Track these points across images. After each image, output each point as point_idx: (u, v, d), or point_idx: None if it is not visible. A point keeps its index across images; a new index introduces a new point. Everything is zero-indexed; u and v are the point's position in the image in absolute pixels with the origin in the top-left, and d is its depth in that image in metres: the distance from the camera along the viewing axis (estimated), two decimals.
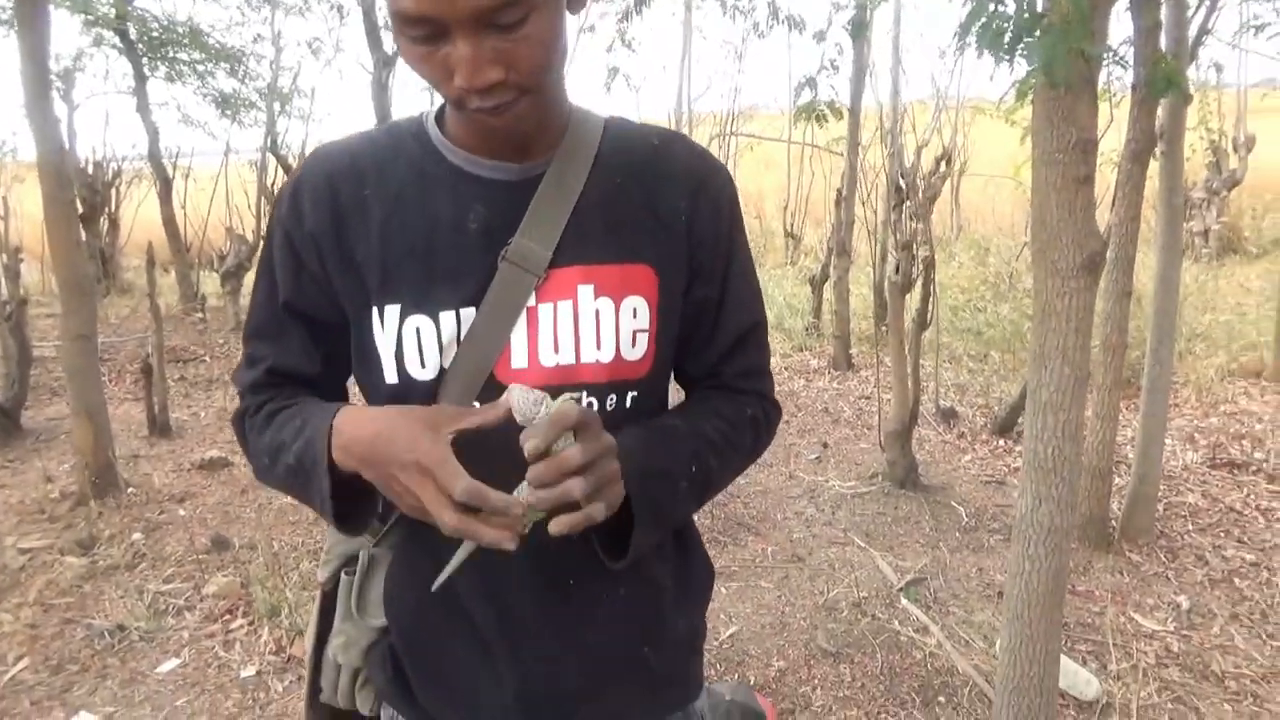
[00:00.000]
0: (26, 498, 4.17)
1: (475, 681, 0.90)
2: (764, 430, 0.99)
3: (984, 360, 6.02)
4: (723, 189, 0.94)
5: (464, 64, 0.72)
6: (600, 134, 0.90)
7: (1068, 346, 1.89)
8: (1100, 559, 3.29)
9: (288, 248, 0.87)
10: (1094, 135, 1.81)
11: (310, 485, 0.82)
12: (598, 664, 0.92)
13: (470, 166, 0.85)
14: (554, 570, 0.88)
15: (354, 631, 0.93)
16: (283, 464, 0.85)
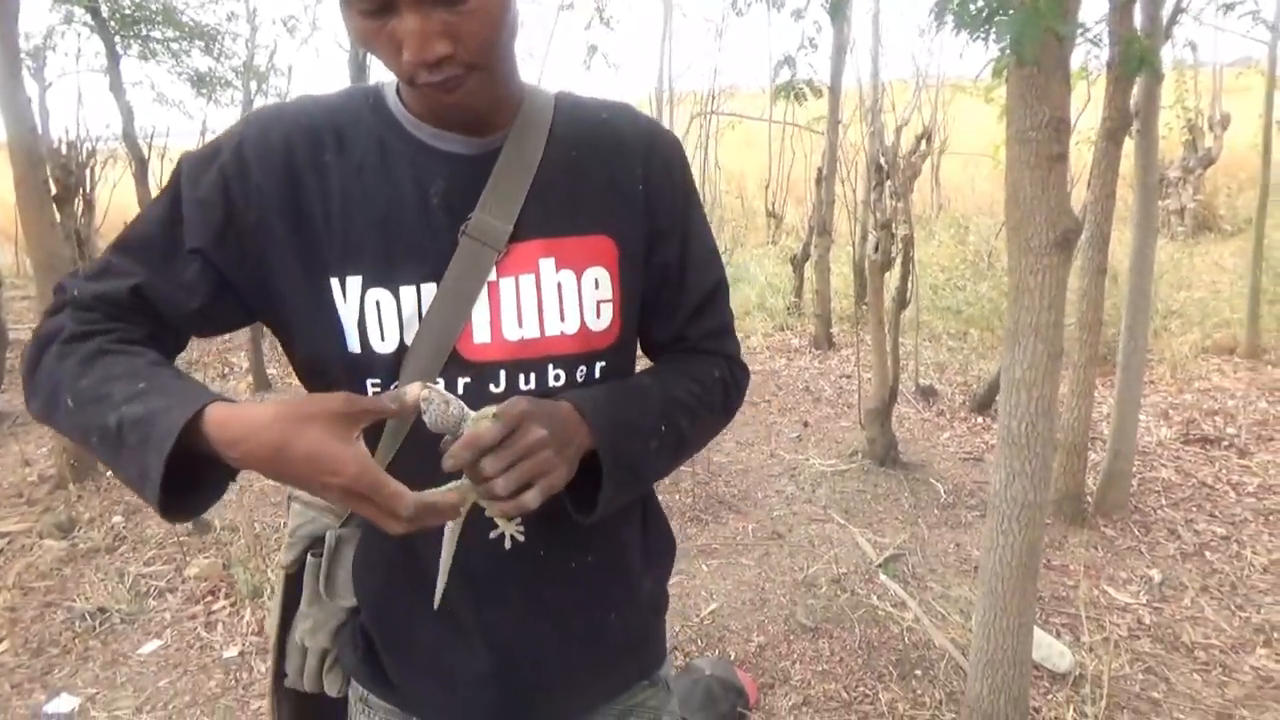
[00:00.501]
0: (4, 482, 4.14)
1: (449, 654, 0.91)
2: (733, 391, 1.00)
3: (963, 338, 6.07)
4: (673, 150, 0.96)
5: (411, 37, 0.72)
6: (552, 109, 0.91)
7: (1041, 324, 1.91)
8: (1075, 534, 3.34)
9: (221, 194, 0.81)
10: (1067, 114, 1.83)
11: (126, 457, 0.72)
12: (568, 631, 0.93)
13: (430, 140, 0.85)
14: (526, 543, 0.89)
15: (321, 614, 0.94)
16: (93, 417, 0.75)
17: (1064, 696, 2.41)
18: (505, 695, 0.91)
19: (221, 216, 0.81)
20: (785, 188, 10.66)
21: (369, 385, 0.84)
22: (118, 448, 0.72)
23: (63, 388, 0.77)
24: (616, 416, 0.84)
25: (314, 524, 0.96)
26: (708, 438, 1.00)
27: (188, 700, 2.54)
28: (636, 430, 0.86)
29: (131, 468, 0.71)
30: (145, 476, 0.70)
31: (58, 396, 0.77)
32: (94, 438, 0.75)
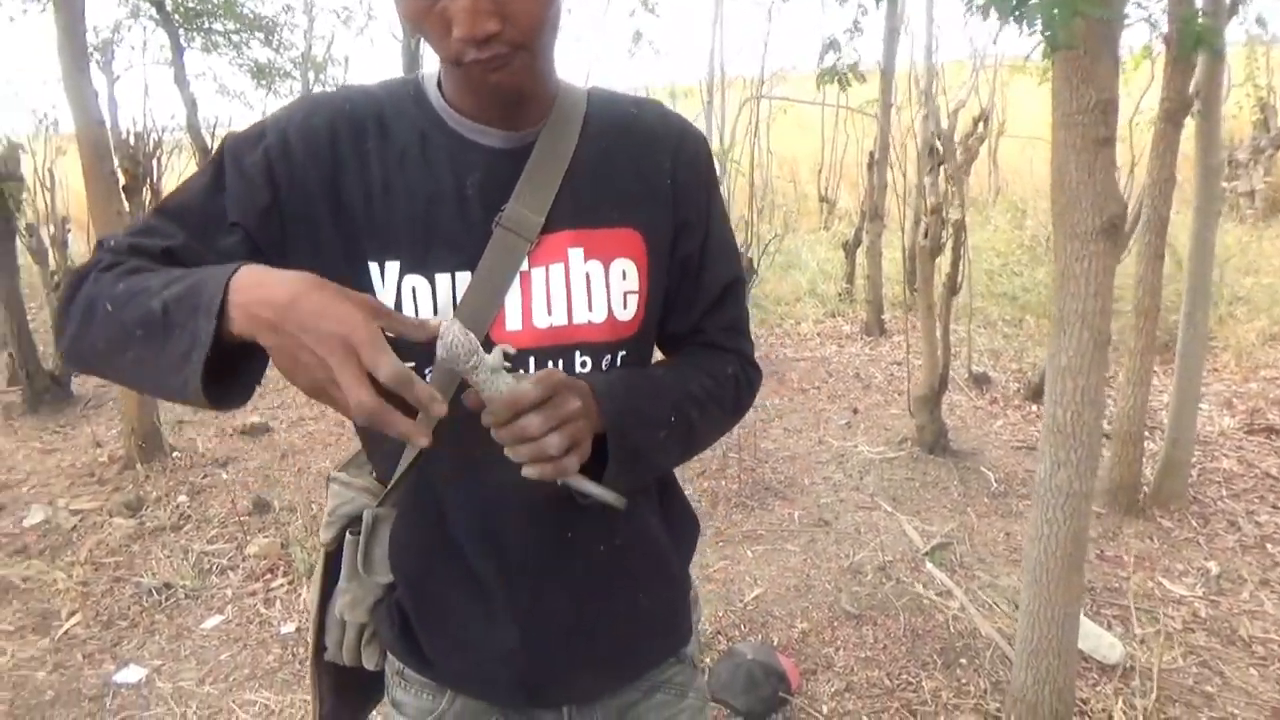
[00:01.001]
0: (77, 461, 4.32)
1: (479, 629, 0.94)
2: (745, 390, 1.02)
3: (1019, 325, 5.95)
4: (699, 145, 0.98)
5: (462, 14, 0.74)
6: (585, 104, 0.93)
7: (1087, 311, 1.88)
8: (1130, 524, 3.27)
9: (265, 175, 0.83)
10: (1115, 96, 1.79)
11: (172, 333, 0.72)
12: (595, 611, 0.96)
13: (469, 133, 0.88)
14: (551, 522, 0.92)
15: (360, 590, 0.97)
16: (134, 311, 0.74)
17: (1113, 689, 2.38)
18: (533, 670, 0.94)
19: (266, 197, 0.83)
20: (839, 172, 10.53)
21: None
22: (163, 329, 0.73)
23: (100, 298, 0.77)
24: (628, 403, 0.87)
25: (352, 504, 0.99)
26: (718, 433, 1.02)
27: (247, 673, 2.64)
28: (646, 418, 0.88)
29: (179, 342, 0.71)
30: (195, 342, 0.70)
31: (94, 309, 0.77)
32: (137, 332, 0.74)
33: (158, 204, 0.87)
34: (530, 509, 0.91)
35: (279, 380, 5.65)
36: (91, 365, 0.81)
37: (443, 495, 0.92)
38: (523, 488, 0.89)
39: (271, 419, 4.85)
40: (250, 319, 0.69)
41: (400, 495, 0.95)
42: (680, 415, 0.91)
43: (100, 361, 0.79)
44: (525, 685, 0.96)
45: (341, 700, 1.08)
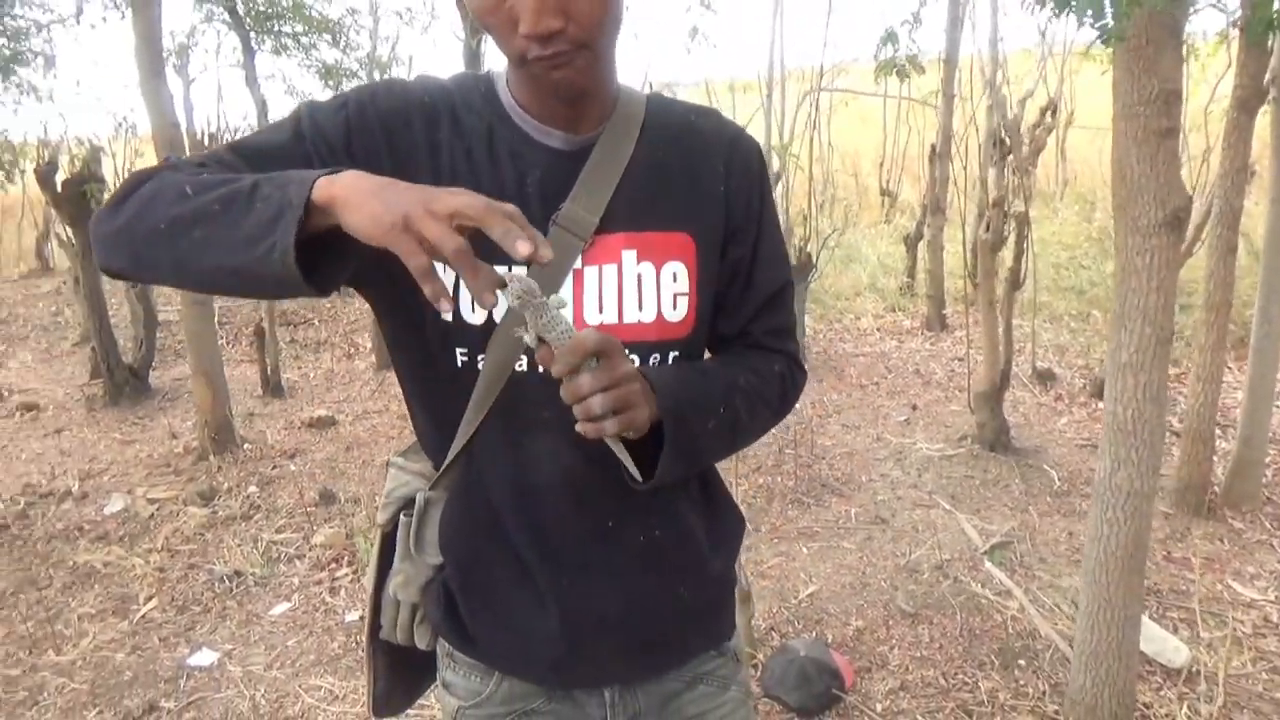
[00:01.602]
0: (154, 452, 4.50)
1: (523, 612, 0.97)
2: (790, 389, 1.03)
3: (1085, 319, 5.81)
4: (752, 152, 1.00)
5: (528, 11, 0.77)
6: (644, 110, 0.96)
7: (1149, 306, 1.84)
8: (1199, 525, 3.18)
9: (344, 140, 0.86)
10: (1178, 86, 1.75)
11: (255, 204, 0.72)
12: (636, 600, 0.98)
13: (533, 132, 0.91)
14: (594, 512, 0.95)
15: (412, 570, 1.01)
16: (214, 191, 0.75)
17: (1177, 694, 2.32)
18: (573, 654, 0.97)
19: (344, 160, 0.85)
20: (900, 164, 10.37)
21: (458, 353, 0.90)
22: (248, 200, 0.72)
23: (170, 185, 0.77)
24: (681, 392, 0.88)
25: (407, 487, 1.03)
26: (761, 430, 1.03)
27: (312, 659, 2.72)
28: (697, 407, 0.90)
29: (266, 209, 0.71)
30: (285, 204, 0.70)
31: (160, 195, 0.77)
32: (215, 207, 0.73)
33: (233, 141, 0.88)
34: (573, 497, 0.94)
35: (345, 375, 5.81)
36: (139, 252, 0.78)
37: (490, 480, 0.95)
38: (566, 476, 0.93)
39: (337, 412, 4.98)
40: (347, 185, 0.71)
41: (451, 479, 0.98)
42: (728, 407, 0.93)
43: (153, 245, 0.77)
44: (564, 668, 0.98)
45: (395, 679, 1.12)
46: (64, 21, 8.36)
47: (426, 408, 0.99)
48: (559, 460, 0.92)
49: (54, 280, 9.04)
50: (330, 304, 7.63)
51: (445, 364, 0.91)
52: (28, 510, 3.83)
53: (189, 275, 0.79)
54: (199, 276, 0.79)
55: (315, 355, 6.37)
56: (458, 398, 0.91)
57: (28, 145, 8.21)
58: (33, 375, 6.15)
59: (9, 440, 4.81)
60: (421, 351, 0.93)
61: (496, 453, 0.94)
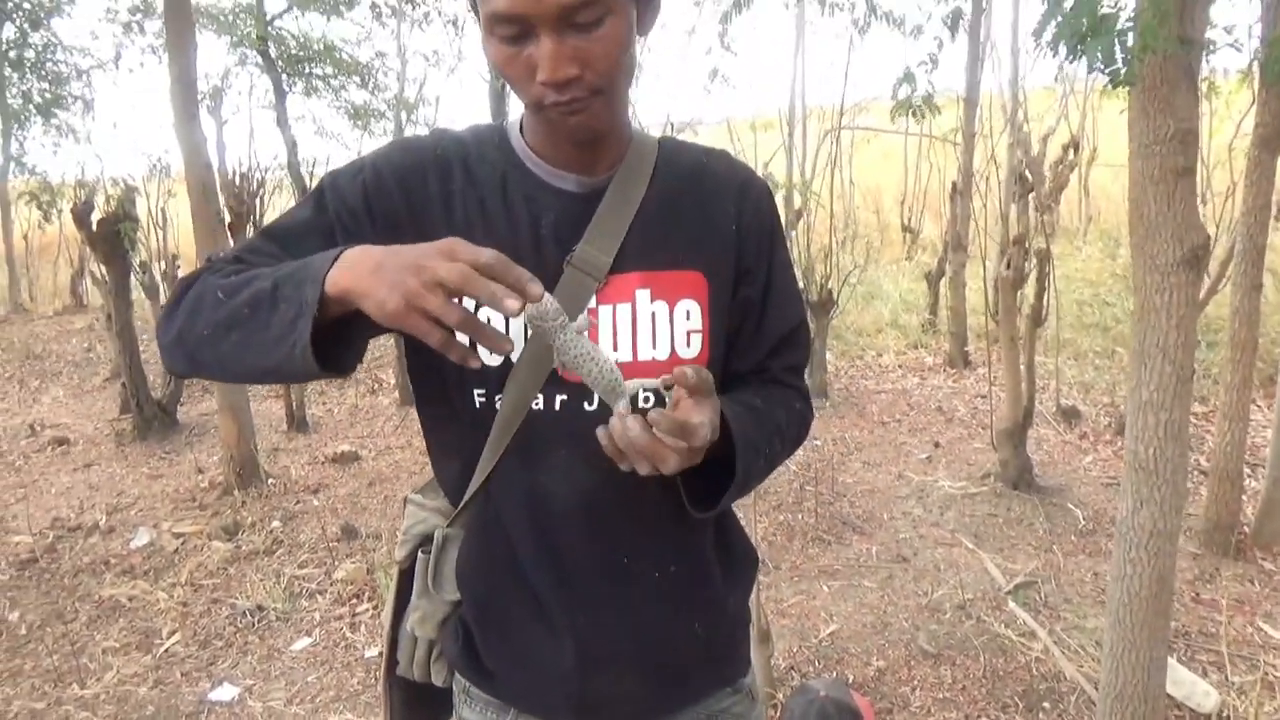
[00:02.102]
0: (181, 487, 4.55)
1: (539, 647, 0.98)
2: (804, 427, 1.06)
3: (1110, 357, 5.76)
4: (763, 194, 1.03)
5: (546, 59, 0.80)
6: (655, 152, 0.98)
7: (1169, 344, 1.83)
8: (1228, 566, 3.13)
9: (364, 203, 0.90)
10: (1194, 125, 1.76)
11: (279, 306, 0.77)
12: (651, 636, 0.99)
13: (546, 176, 0.94)
14: (608, 548, 0.96)
15: (429, 606, 1.02)
16: (245, 292, 0.80)
17: None
18: (588, 690, 0.97)
19: (366, 224, 0.90)
20: (922, 201, 10.40)
21: (476, 394, 0.93)
22: (271, 303, 0.78)
23: (210, 290, 0.83)
24: (748, 433, 0.90)
25: (424, 524, 1.04)
26: (783, 461, 1.06)
27: (332, 695, 2.73)
28: (755, 446, 0.92)
29: (288, 310, 0.76)
30: (302, 306, 0.75)
31: (202, 301, 0.83)
32: (245, 310, 0.79)
33: (262, 228, 0.94)
34: (587, 533, 0.95)
35: (369, 410, 5.86)
36: (193, 355, 0.85)
37: (507, 517, 0.97)
38: (580, 512, 0.94)
39: (360, 448, 5.02)
40: (352, 269, 0.75)
41: (469, 516, 1.00)
42: (770, 444, 0.95)
43: (202, 349, 0.83)
44: (580, 704, 0.99)
45: (411, 716, 1.12)
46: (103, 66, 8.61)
47: (445, 446, 1.01)
48: (573, 496, 0.94)
49: (87, 317, 9.21)
50: None
51: (463, 404, 0.94)
52: (56, 544, 3.89)
53: (235, 374, 0.86)
54: (243, 374, 0.85)
55: (340, 391, 6.43)
56: (475, 437, 0.93)
57: (65, 185, 8.43)
58: (64, 410, 6.25)
59: (40, 474, 4.88)
60: (440, 392, 0.95)
61: (513, 490, 0.95)
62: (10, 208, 10.43)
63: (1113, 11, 1.33)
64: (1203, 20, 1.70)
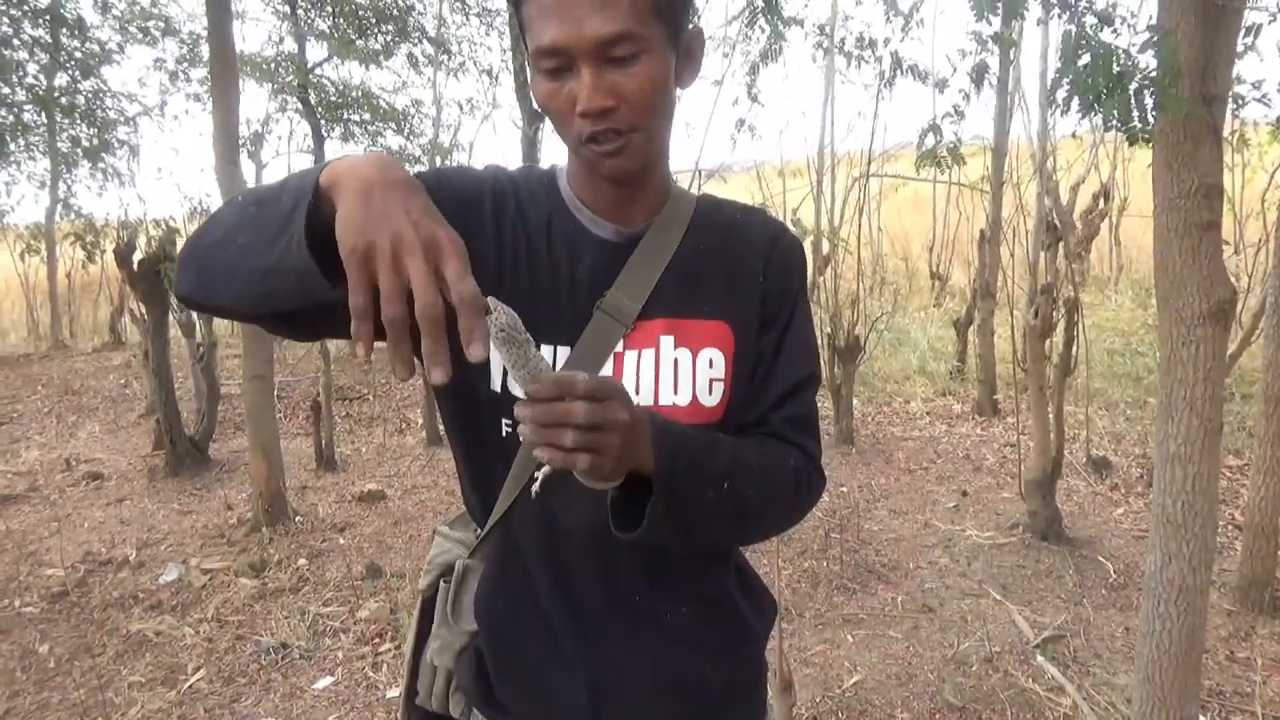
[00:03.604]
0: (210, 523, 4.60)
1: (552, 682, 0.99)
2: (805, 488, 1.01)
3: (1142, 407, 5.69)
4: (793, 249, 1.06)
5: (584, 89, 0.85)
6: (693, 208, 1.03)
7: (1195, 397, 1.83)
8: (1264, 624, 3.06)
9: None
10: (1219, 179, 1.77)
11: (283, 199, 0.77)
12: (663, 678, 1.00)
13: (587, 223, 0.99)
14: (621, 587, 0.98)
15: (449, 635, 1.04)
16: (255, 195, 0.82)
17: None
18: None
19: None
20: (951, 248, 10.39)
21: (504, 424, 0.96)
22: (277, 198, 0.78)
23: (230, 202, 0.85)
24: (683, 450, 0.87)
25: (448, 554, 1.07)
26: (771, 523, 1.01)
27: None
28: (699, 471, 0.88)
29: (287, 203, 0.76)
30: (300, 196, 0.75)
31: (223, 210, 0.84)
32: (252, 208, 0.80)
33: None
34: (600, 570, 0.97)
35: (396, 449, 5.90)
36: (203, 269, 0.83)
37: (526, 551, 0.99)
38: (595, 549, 0.96)
39: (387, 487, 5.06)
40: (351, 172, 0.74)
41: (489, 548, 1.03)
42: (733, 484, 0.91)
43: (213, 257, 0.82)
44: None
45: None
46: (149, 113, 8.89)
47: (472, 475, 1.04)
48: (587, 533, 0.96)
49: (124, 354, 9.40)
50: (385, 380, 7.81)
51: (492, 433, 0.97)
52: (87, 578, 3.94)
53: (237, 284, 0.81)
54: (245, 285, 0.80)
55: (368, 430, 6.50)
56: (501, 467, 0.97)
57: (108, 226, 8.68)
58: (99, 445, 6.36)
59: (73, 509, 4.96)
60: (472, 420, 0.98)
61: (532, 524, 0.98)
62: (56, 247, 10.72)
63: (1129, 69, 1.35)
64: (1226, 77, 1.72)
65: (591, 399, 0.74)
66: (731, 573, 1.06)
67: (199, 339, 6.06)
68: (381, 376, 7.93)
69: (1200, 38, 1.61)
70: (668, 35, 0.88)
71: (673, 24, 0.89)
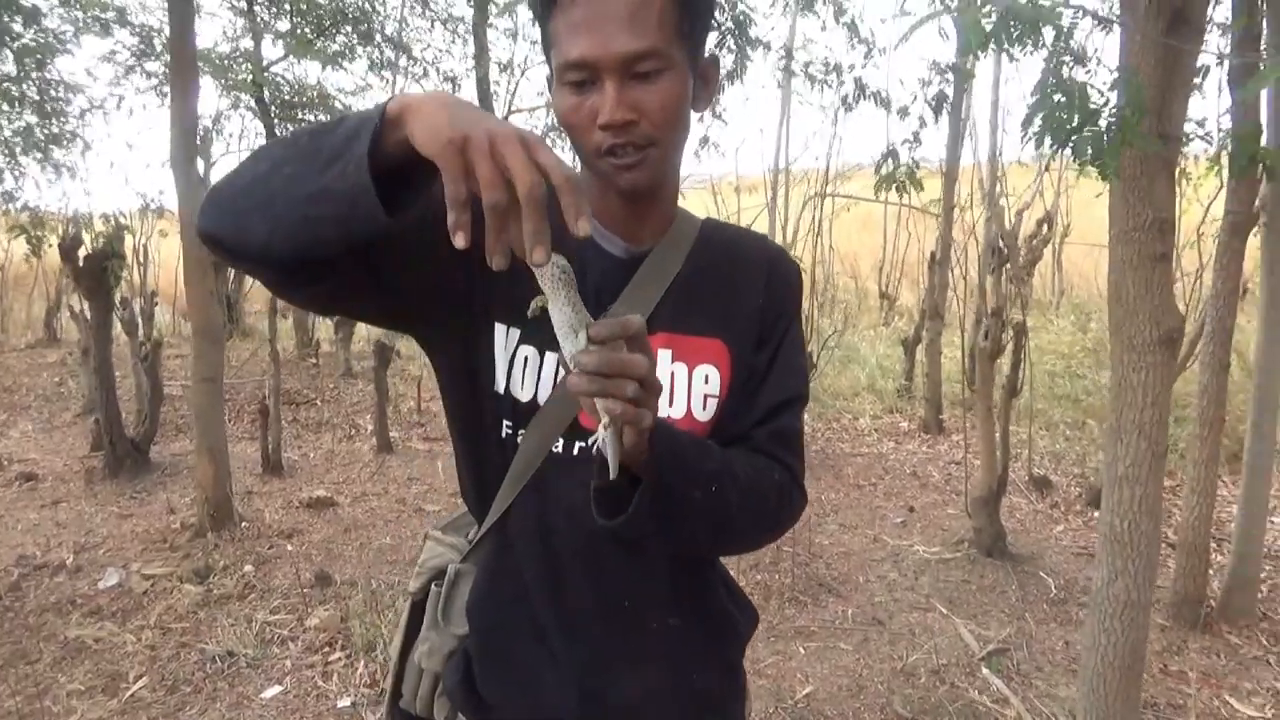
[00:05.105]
0: (151, 527, 4.48)
1: (541, 681, 1.01)
2: (786, 502, 1.04)
3: (1081, 428, 5.88)
4: (792, 271, 1.10)
5: (608, 102, 0.87)
6: (697, 229, 1.07)
7: (1144, 421, 1.91)
8: (1196, 639, 3.18)
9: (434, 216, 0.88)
10: (1172, 214, 1.86)
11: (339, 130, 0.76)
12: (652, 684, 1.02)
13: (599, 238, 1.01)
14: (613, 594, 1.00)
15: (438, 639, 1.05)
16: (304, 131, 0.79)
17: None
18: None
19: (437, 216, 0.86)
20: (900, 269, 10.61)
21: (504, 425, 0.98)
22: (332, 130, 0.76)
23: (271, 142, 0.82)
24: (676, 448, 0.89)
25: (440, 558, 1.09)
26: (752, 533, 1.03)
27: None
28: (688, 470, 0.90)
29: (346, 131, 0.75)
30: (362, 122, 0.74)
31: (271, 144, 0.82)
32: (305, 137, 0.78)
33: None
34: (593, 578, 0.99)
35: (346, 456, 5.82)
36: (239, 202, 0.80)
37: (521, 555, 1.01)
38: (589, 556, 0.98)
39: (337, 493, 4.99)
40: (423, 97, 0.73)
41: (484, 551, 1.04)
42: (720, 488, 0.93)
43: (250, 192, 0.79)
44: None
45: None
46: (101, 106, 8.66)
47: (472, 474, 1.05)
48: (580, 540, 0.98)
49: (59, 351, 9.11)
50: (334, 384, 7.70)
51: (493, 434, 0.98)
52: (21, 582, 3.81)
53: (277, 215, 0.78)
54: (286, 214, 0.77)
55: (316, 435, 6.40)
56: (499, 469, 0.99)
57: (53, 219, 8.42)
58: (33, 445, 6.15)
59: (5, 510, 4.79)
60: (474, 418, 1.00)
61: (527, 529, 1.00)
62: None
63: (1100, 107, 1.42)
64: (1181, 116, 1.81)
65: (644, 350, 0.76)
66: (720, 581, 1.09)
67: (141, 338, 5.92)
68: (330, 381, 7.82)
69: (1158, 78, 1.69)
70: (688, 58, 0.92)
71: (694, 48, 0.93)
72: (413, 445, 6.13)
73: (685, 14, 0.90)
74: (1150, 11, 1.71)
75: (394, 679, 1.11)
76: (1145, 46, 1.70)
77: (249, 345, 9.18)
